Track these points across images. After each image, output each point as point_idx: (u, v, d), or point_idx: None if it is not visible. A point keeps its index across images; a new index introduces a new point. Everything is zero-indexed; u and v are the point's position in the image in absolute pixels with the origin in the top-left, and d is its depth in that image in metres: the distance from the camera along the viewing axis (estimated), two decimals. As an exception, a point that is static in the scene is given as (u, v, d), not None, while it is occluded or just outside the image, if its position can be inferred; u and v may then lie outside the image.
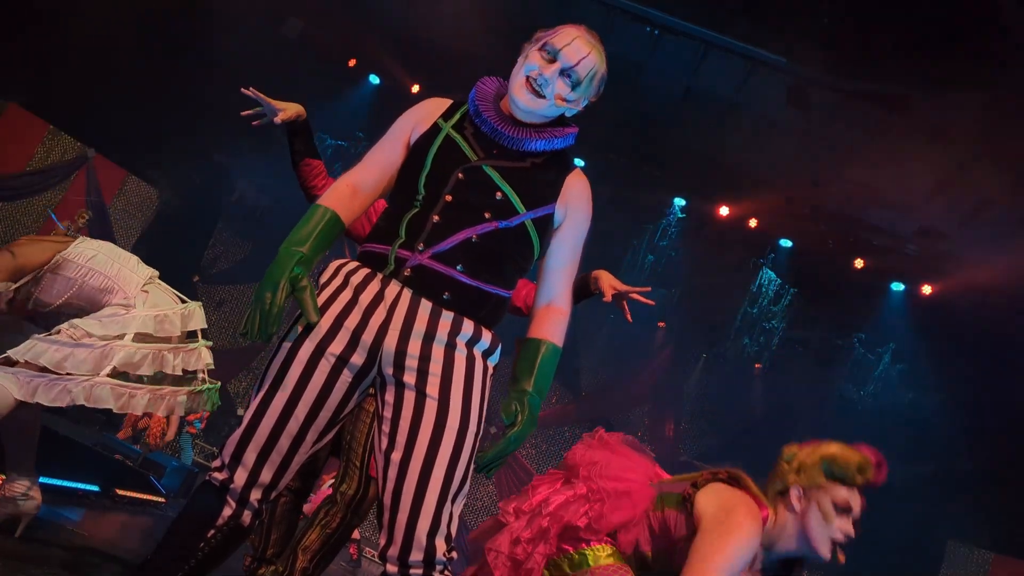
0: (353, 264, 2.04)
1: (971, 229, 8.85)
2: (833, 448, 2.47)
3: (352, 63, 10.99)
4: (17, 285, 3.11)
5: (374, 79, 11.09)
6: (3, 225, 11.36)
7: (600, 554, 2.50)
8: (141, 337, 3.08)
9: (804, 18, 7.62)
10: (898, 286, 10.31)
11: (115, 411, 2.98)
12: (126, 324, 3.07)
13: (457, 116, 2.13)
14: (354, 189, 2.08)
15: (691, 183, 10.50)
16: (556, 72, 2.04)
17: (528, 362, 2.05)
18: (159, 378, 3.16)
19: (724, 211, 10.36)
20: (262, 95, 3.12)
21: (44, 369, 2.92)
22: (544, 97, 2.05)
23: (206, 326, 3.38)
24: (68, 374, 2.92)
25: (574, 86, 2.07)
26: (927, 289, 9.97)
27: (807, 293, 10.92)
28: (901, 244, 9.93)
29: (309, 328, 1.94)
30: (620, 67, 8.73)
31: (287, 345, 1.95)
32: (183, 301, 3.35)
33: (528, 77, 2.04)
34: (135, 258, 3.37)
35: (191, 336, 3.32)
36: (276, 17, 10.20)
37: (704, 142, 9.62)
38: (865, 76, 7.90)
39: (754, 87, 8.53)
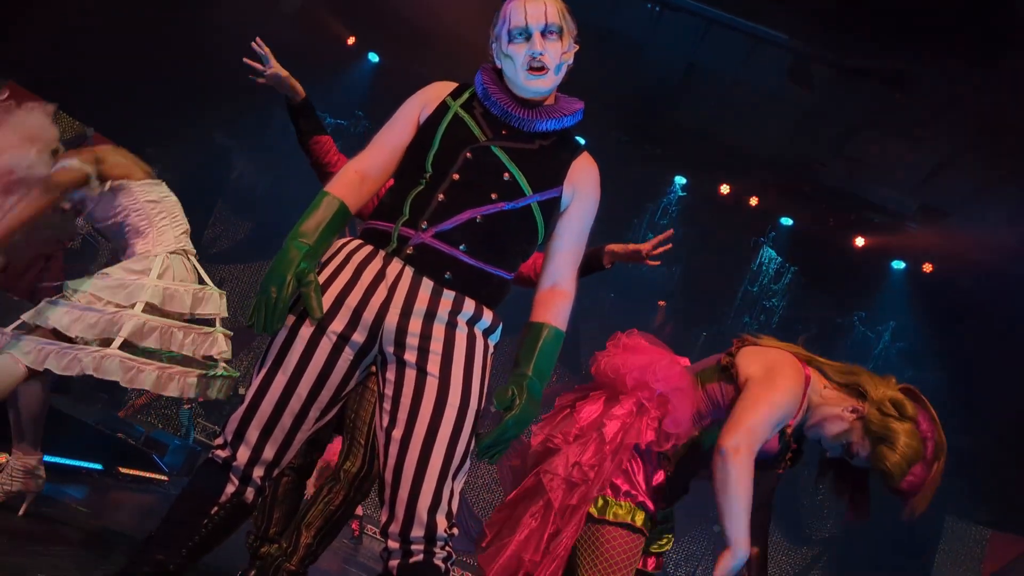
0: (356, 242, 2.04)
1: (972, 207, 8.83)
2: (905, 436, 2.54)
3: (351, 41, 10.91)
4: (83, 197, 3.15)
5: (373, 57, 11.02)
6: (3, 204, 11.35)
7: (619, 511, 2.52)
8: (150, 308, 3.08)
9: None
10: (899, 264, 10.30)
11: (123, 384, 2.96)
12: (135, 292, 3.07)
13: (465, 96, 2.13)
14: (363, 176, 2.07)
15: (692, 161, 10.46)
16: (540, 39, 2.04)
17: (529, 346, 2.04)
18: (176, 358, 3.17)
19: (725, 189, 10.33)
20: (266, 49, 3.21)
21: (55, 333, 2.93)
22: (547, 68, 2.05)
23: (225, 314, 3.39)
24: (79, 338, 2.93)
25: (560, 36, 2.07)
26: (928, 267, 9.96)
27: (808, 271, 10.92)
28: (902, 222, 9.91)
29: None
30: (621, 44, 8.69)
31: (288, 323, 1.95)
32: (204, 284, 3.36)
33: (527, 67, 2.04)
34: (186, 228, 3.38)
35: (209, 323, 3.33)
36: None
37: (705, 120, 9.58)
38: (867, 53, 7.85)
39: (755, 64, 8.48)
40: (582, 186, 2.13)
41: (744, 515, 2.35)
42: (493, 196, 2.00)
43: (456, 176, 2.01)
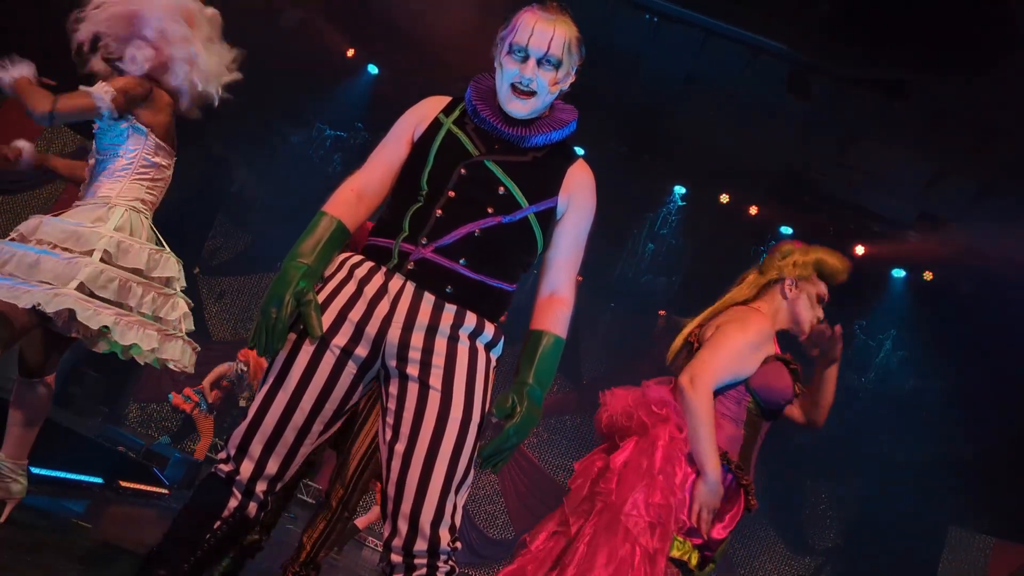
0: (358, 257, 2.05)
1: (972, 215, 8.84)
2: (823, 253, 2.99)
3: (350, 53, 10.94)
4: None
5: (372, 69, 11.05)
6: (5, 218, 11.34)
7: (676, 551, 2.61)
8: (106, 258, 2.99)
9: (803, 4, 7.59)
10: (899, 272, 10.30)
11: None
12: (90, 240, 2.99)
13: (457, 112, 2.14)
14: (359, 194, 2.08)
15: (691, 171, 10.48)
16: (534, 67, 2.03)
17: (529, 354, 2.04)
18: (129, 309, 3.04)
19: (724, 198, 10.35)
20: None
21: (12, 277, 2.87)
22: (536, 94, 2.04)
23: (183, 282, 3.28)
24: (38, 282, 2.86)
25: (557, 67, 2.05)
26: (928, 275, 9.96)
27: (808, 280, 10.92)
28: (902, 230, 9.91)
29: (313, 321, 1.95)
30: (619, 55, 8.72)
31: (292, 338, 1.96)
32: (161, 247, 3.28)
33: (512, 85, 2.04)
34: (155, 201, 3.36)
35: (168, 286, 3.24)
36: (275, 7, 10.15)
37: (704, 130, 9.60)
38: (865, 62, 7.87)
39: (754, 74, 8.50)
40: (578, 193, 2.13)
41: (709, 442, 2.62)
42: (490, 210, 2.01)
43: (452, 193, 2.01)
